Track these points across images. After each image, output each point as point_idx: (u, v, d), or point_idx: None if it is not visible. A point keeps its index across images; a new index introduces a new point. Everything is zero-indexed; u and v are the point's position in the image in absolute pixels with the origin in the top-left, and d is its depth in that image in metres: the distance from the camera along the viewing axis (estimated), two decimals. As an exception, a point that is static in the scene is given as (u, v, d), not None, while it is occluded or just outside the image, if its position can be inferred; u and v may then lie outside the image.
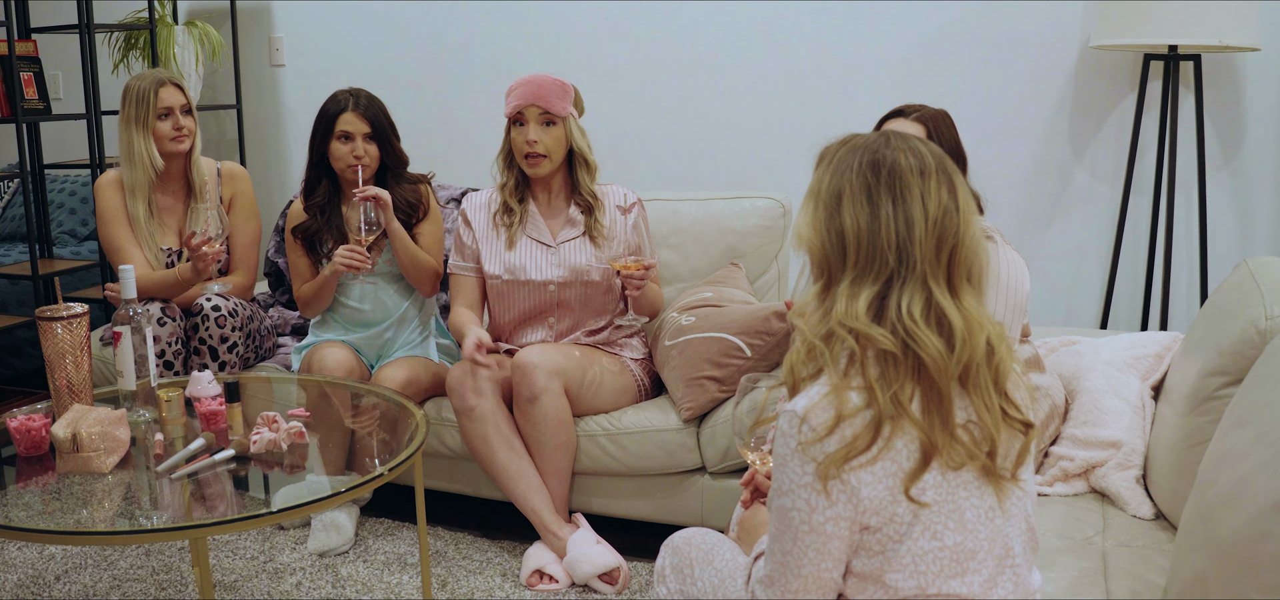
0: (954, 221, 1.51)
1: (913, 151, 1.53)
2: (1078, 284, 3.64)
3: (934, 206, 1.50)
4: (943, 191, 1.51)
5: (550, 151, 2.96)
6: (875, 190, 1.51)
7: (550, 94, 2.94)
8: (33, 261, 3.83)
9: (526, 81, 2.95)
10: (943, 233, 1.50)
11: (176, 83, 3.26)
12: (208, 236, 3.08)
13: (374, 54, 4.43)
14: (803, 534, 1.52)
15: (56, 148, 4.99)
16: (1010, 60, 3.58)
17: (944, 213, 1.50)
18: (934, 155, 1.54)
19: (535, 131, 2.93)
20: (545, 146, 2.95)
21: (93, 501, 2.18)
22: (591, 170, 3.07)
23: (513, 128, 2.99)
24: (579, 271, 3.03)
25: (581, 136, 3.04)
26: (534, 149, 2.94)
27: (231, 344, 3.21)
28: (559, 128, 2.97)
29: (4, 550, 3.11)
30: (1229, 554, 1.56)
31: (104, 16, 4.56)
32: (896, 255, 1.49)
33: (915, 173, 1.51)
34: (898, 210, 1.50)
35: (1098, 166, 3.56)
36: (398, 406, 2.72)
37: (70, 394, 2.52)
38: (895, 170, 1.51)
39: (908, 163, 1.52)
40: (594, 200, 3.06)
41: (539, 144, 2.94)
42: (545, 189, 3.08)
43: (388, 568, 2.97)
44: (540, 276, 3.03)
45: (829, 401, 1.48)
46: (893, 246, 1.49)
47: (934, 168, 1.52)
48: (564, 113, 2.96)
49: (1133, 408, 2.49)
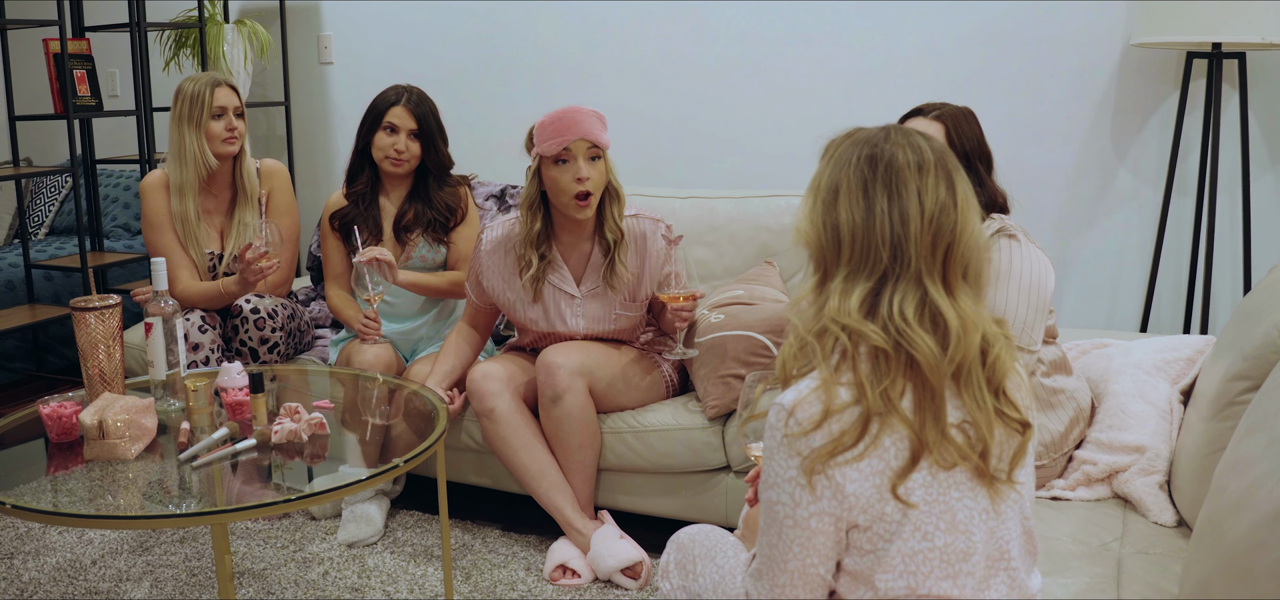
0: (951, 218, 1.49)
1: (912, 147, 1.52)
2: (1119, 286, 3.58)
3: (930, 203, 1.48)
4: (940, 188, 1.50)
5: (597, 188, 2.81)
6: (871, 186, 1.50)
7: (594, 126, 2.77)
8: (82, 254, 3.93)
9: (564, 117, 2.76)
10: (939, 230, 1.48)
11: (231, 85, 3.33)
12: (262, 251, 3.11)
13: (421, 52, 4.48)
14: (787, 528, 1.51)
15: (115, 143, 5.12)
16: (1052, 59, 3.53)
17: (941, 209, 1.49)
18: (934, 151, 1.53)
19: (585, 167, 2.76)
20: (594, 183, 2.78)
21: (113, 487, 2.23)
22: (621, 202, 2.92)
23: (551, 167, 2.79)
24: (602, 319, 2.99)
25: (613, 168, 2.90)
26: (585, 185, 2.77)
27: (272, 345, 3.26)
28: (603, 160, 2.82)
29: (45, 535, 3.20)
30: (1231, 562, 1.53)
31: (156, 16, 4.66)
32: (891, 252, 1.48)
33: (913, 169, 1.50)
34: (893, 206, 1.49)
35: (1141, 167, 3.49)
36: (423, 400, 2.74)
37: (102, 382, 2.58)
38: (892, 166, 1.50)
39: (905, 159, 1.50)
40: (619, 237, 2.92)
41: (589, 180, 2.77)
42: (574, 231, 2.93)
43: (414, 559, 3.00)
44: (565, 328, 2.99)
45: (817, 395, 1.47)
46: (887, 243, 1.48)
47: (933, 164, 1.51)
48: (608, 143, 2.82)
49: (1160, 412, 2.45)
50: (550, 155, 2.76)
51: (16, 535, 3.20)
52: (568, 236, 2.94)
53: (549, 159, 2.78)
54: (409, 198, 3.32)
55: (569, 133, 2.74)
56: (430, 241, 3.30)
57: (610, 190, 2.88)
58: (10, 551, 3.10)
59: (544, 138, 2.76)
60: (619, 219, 2.91)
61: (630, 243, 2.94)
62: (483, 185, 3.91)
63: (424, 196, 3.30)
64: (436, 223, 3.27)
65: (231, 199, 3.42)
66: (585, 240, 2.95)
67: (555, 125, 2.75)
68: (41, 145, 5.46)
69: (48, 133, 5.39)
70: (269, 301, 3.28)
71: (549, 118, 2.77)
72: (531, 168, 2.84)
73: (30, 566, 3.01)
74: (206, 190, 3.37)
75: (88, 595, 2.86)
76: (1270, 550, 1.42)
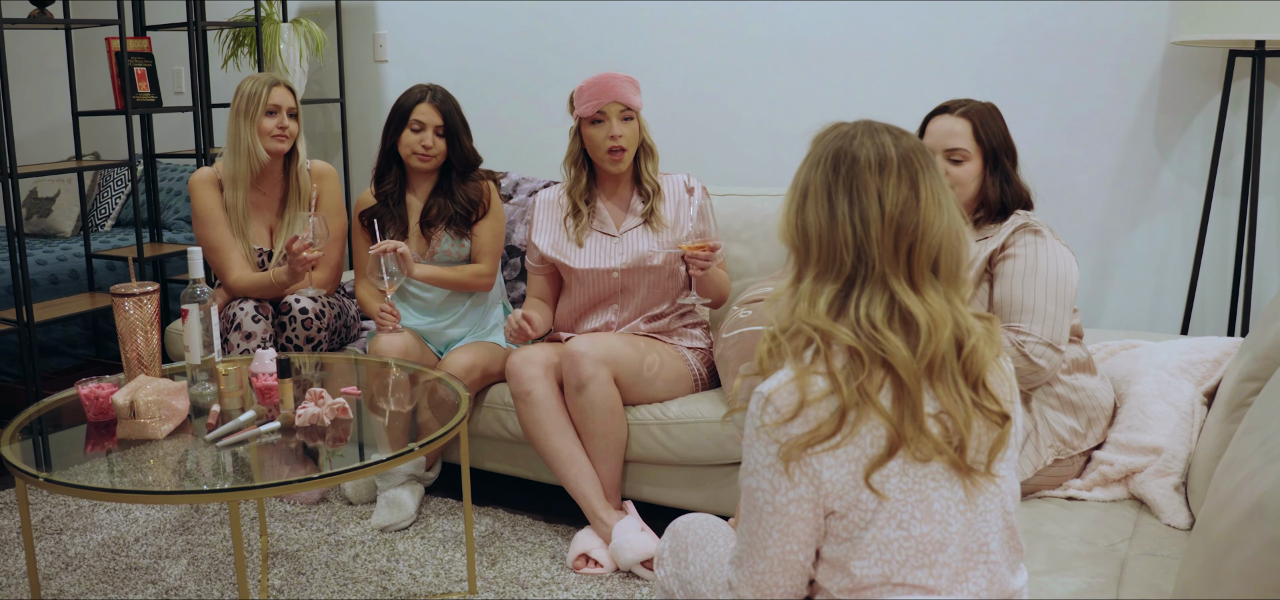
0: (913, 217, 1.50)
1: (877, 145, 1.54)
2: (1162, 288, 3.53)
3: (891, 203, 1.50)
4: (903, 187, 1.51)
5: (630, 144, 3.08)
6: (834, 188, 1.53)
7: (627, 89, 3.04)
8: (139, 245, 4.06)
9: (599, 82, 3.03)
10: (900, 228, 1.50)
11: (289, 86, 3.43)
12: (308, 242, 3.22)
13: (473, 50, 4.56)
14: (767, 514, 1.53)
15: (179, 139, 5.27)
16: (1094, 58, 3.48)
17: (902, 209, 1.50)
18: (901, 149, 1.54)
19: (618, 126, 3.03)
20: (627, 139, 3.06)
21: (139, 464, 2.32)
22: (655, 158, 3.18)
23: (589, 127, 3.07)
24: (642, 258, 3.10)
25: (645, 128, 3.16)
26: (618, 143, 3.03)
27: (316, 343, 3.36)
28: (635, 120, 3.08)
29: (93, 513, 3.32)
30: (1209, 561, 1.52)
31: (215, 15, 4.80)
32: (854, 254, 1.50)
33: (873, 169, 1.52)
34: (854, 208, 1.51)
35: (1184, 167, 3.44)
36: (447, 388, 2.80)
37: (139, 366, 2.68)
38: (854, 167, 1.52)
39: (867, 157, 1.52)
40: (655, 190, 3.15)
41: (622, 137, 3.04)
42: (614, 182, 3.17)
43: (443, 545, 3.07)
44: (605, 265, 3.10)
45: (794, 384, 1.50)
46: (850, 246, 1.50)
47: (896, 162, 1.52)
48: (640, 105, 3.08)
49: (1181, 413, 2.42)
50: (587, 116, 3.05)
51: (67, 512, 3.33)
52: (608, 188, 3.19)
53: (586, 120, 3.06)
54: (433, 193, 3.39)
55: (603, 96, 3.02)
56: (454, 236, 3.37)
57: (644, 147, 3.15)
58: (60, 527, 3.23)
59: (582, 100, 3.05)
60: (654, 172, 3.16)
61: (668, 195, 3.17)
62: (527, 181, 3.97)
63: (448, 192, 3.37)
64: (459, 217, 3.35)
65: (282, 197, 3.53)
66: (624, 191, 3.18)
67: (592, 89, 3.03)
68: (109, 141, 5.65)
69: (115, 129, 5.56)
70: (318, 302, 3.37)
71: (587, 82, 3.05)
72: (573, 128, 3.13)
73: (77, 542, 3.13)
74: (257, 186, 3.48)
75: (127, 570, 2.96)
76: (1241, 549, 1.41)
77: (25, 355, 3.72)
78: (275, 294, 3.43)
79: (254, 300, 3.39)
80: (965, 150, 2.51)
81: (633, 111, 3.06)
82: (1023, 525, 2.21)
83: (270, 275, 3.39)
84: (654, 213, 3.13)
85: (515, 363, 3.03)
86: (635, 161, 3.16)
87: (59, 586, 2.88)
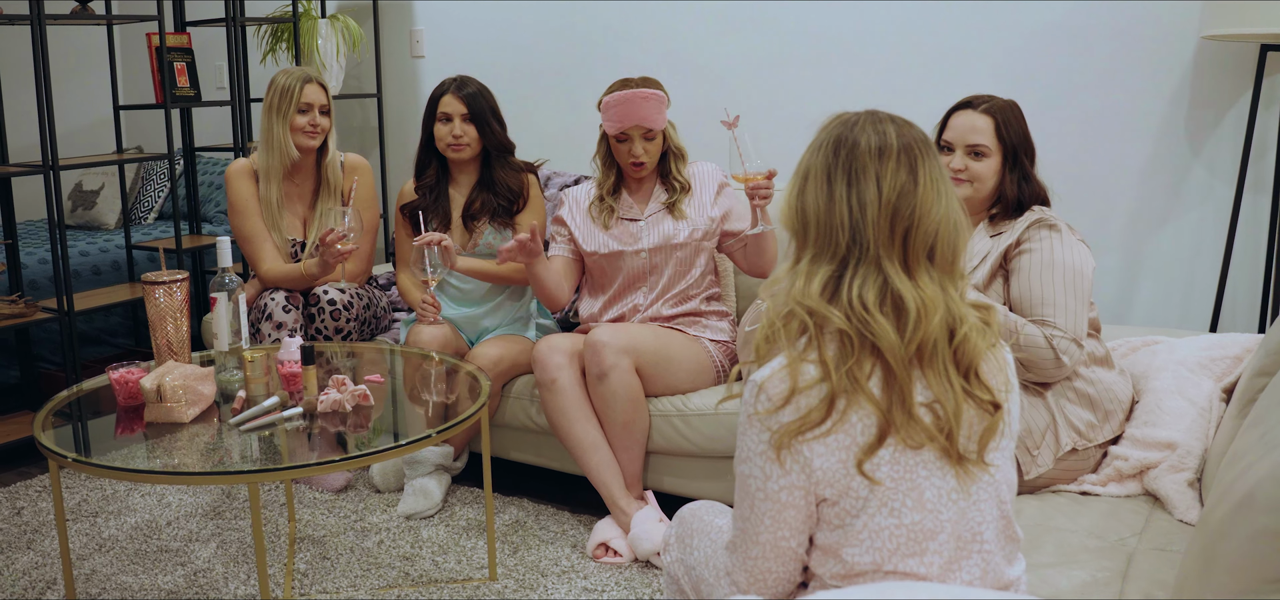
0: (911, 201, 1.52)
1: (878, 133, 1.55)
2: (1193, 286, 3.49)
3: (888, 188, 1.52)
4: (901, 172, 1.53)
5: (652, 160, 3.18)
6: (834, 172, 1.55)
7: (650, 113, 3.09)
8: (176, 236, 4.14)
9: (624, 104, 3.08)
10: (897, 212, 1.51)
11: (322, 83, 3.49)
12: (342, 235, 3.27)
13: (508, 45, 4.60)
14: (759, 501, 1.56)
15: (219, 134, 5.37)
16: (1125, 53, 3.46)
17: (899, 194, 1.52)
18: (901, 138, 1.56)
19: (640, 147, 3.12)
20: (649, 157, 3.16)
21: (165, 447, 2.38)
22: (683, 158, 3.23)
23: (614, 141, 3.15)
24: (668, 236, 3.16)
25: (674, 132, 3.21)
26: (639, 159, 3.13)
27: (345, 334, 3.42)
28: (658, 138, 3.15)
29: (128, 497, 3.40)
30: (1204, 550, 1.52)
31: (254, 11, 4.88)
32: (849, 235, 1.52)
33: (873, 154, 1.54)
34: (851, 191, 1.53)
35: (1215, 164, 3.40)
36: (474, 379, 2.84)
37: (169, 352, 2.74)
38: (854, 152, 1.54)
39: (867, 144, 1.54)
40: (683, 187, 3.19)
41: (643, 157, 3.13)
42: (640, 180, 3.24)
43: (466, 533, 3.11)
44: (633, 247, 3.16)
45: (785, 372, 1.52)
46: (846, 227, 1.52)
47: (896, 150, 1.54)
48: (663, 124, 3.14)
49: (1198, 409, 2.40)
50: (611, 133, 3.12)
51: (102, 497, 3.41)
52: (634, 184, 3.26)
53: (611, 135, 3.12)
54: (476, 186, 3.43)
55: (626, 120, 3.09)
56: (497, 228, 3.41)
57: (672, 151, 3.22)
58: (94, 511, 3.31)
59: (608, 117, 3.12)
60: (682, 172, 3.22)
61: (695, 188, 3.22)
62: (559, 175, 4.01)
63: (489, 183, 3.42)
64: (502, 208, 3.39)
65: (314, 190, 3.59)
66: (651, 183, 3.26)
67: (617, 109, 3.09)
68: (151, 135, 5.75)
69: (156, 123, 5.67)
70: (346, 293, 3.43)
71: (613, 99, 3.10)
72: (602, 130, 3.19)
73: (111, 525, 3.21)
74: (290, 179, 3.54)
75: (158, 552, 3.04)
76: (1230, 539, 1.41)
77: (65, 343, 3.81)
78: (306, 285, 3.49)
79: (285, 291, 3.45)
80: (986, 146, 2.52)
81: (654, 132, 3.12)
82: (1033, 519, 2.21)
83: (302, 267, 3.45)
84: (675, 205, 3.17)
85: (541, 351, 3.07)
86: (663, 160, 3.22)
87: (92, 566, 2.96)
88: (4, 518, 3.29)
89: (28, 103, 3.95)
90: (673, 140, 3.21)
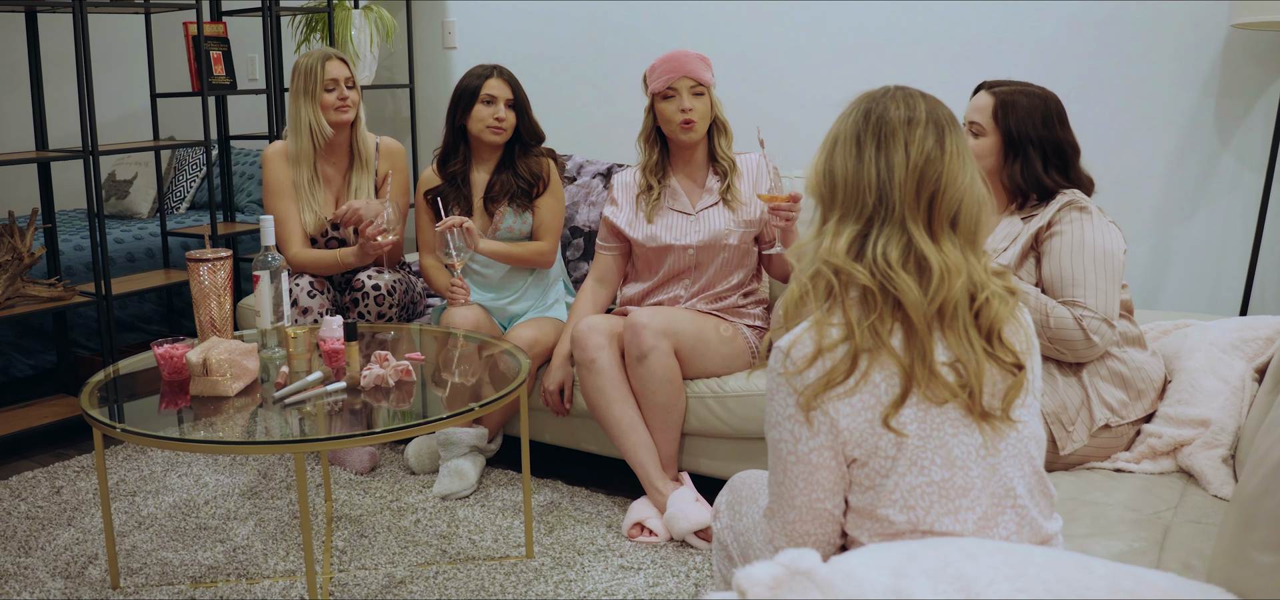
0: (937, 168, 1.57)
1: (907, 104, 1.62)
2: (1221, 273, 3.51)
3: (916, 153, 1.57)
4: (928, 140, 1.59)
5: (701, 118, 3.13)
6: (864, 137, 1.61)
7: (697, 66, 3.10)
8: (212, 223, 4.19)
9: (671, 58, 3.10)
10: (923, 177, 1.57)
11: (341, 57, 3.53)
12: (382, 228, 3.31)
13: (539, 36, 4.64)
14: (790, 464, 1.59)
15: (254, 123, 5.43)
16: (1155, 43, 3.47)
17: (926, 160, 1.57)
18: (929, 110, 1.62)
19: (688, 100, 3.09)
20: (698, 113, 3.11)
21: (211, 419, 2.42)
22: (728, 136, 3.24)
23: (660, 103, 3.13)
24: (718, 235, 3.17)
25: (719, 105, 3.21)
26: (688, 115, 3.09)
27: (388, 320, 3.46)
28: (706, 97, 3.13)
29: (165, 477, 3.45)
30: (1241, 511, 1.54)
31: (290, 1, 4.93)
32: (876, 196, 1.57)
33: (902, 122, 1.60)
34: (880, 155, 1.59)
35: (1245, 153, 3.42)
36: (512, 359, 2.88)
37: (213, 329, 2.79)
38: (883, 119, 1.60)
39: (897, 114, 1.60)
40: (731, 166, 3.20)
41: (693, 111, 3.09)
42: (687, 160, 3.23)
43: (502, 513, 3.14)
44: (681, 242, 3.17)
45: (810, 334, 1.56)
46: (873, 188, 1.57)
47: (924, 119, 1.60)
48: (711, 81, 3.14)
49: (1231, 388, 2.42)
50: (659, 91, 3.12)
51: (141, 476, 3.46)
52: (682, 166, 3.24)
53: (659, 95, 3.12)
54: (498, 169, 3.47)
55: (674, 72, 3.09)
56: (517, 211, 3.44)
57: (717, 124, 3.20)
58: (134, 490, 3.36)
59: (654, 77, 3.13)
60: (728, 149, 3.22)
61: (744, 172, 3.22)
62: (591, 164, 4.04)
63: (510, 167, 3.46)
64: (522, 191, 3.42)
65: (348, 165, 3.63)
66: (699, 168, 3.22)
67: (663, 65, 3.11)
68: (186, 126, 5.81)
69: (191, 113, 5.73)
70: (388, 278, 3.46)
71: (659, 60, 3.13)
72: (647, 105, 3.19)
73: (150, 503, 3.26)
74: (325, 157, 3.59)
75: (196, 530, 3.08)
76: (1272, 496, 1.43)
77: (103, 327, 3.86)
78: (336, 272, 3.53)
79: (310, 276, 3.49)
80: (981, 125, 2.59)
81: (704, 87, 3.11)
82: (1068, 493, 2.24)
83: (336, 255, 3.48)
84: (731, 189, 3.18)
85: (581, 331, 3.10)
86: (710, 138, 3.21)
87: (132, 542, 3.00)
88: (44, 496, 3.34)
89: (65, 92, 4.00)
90: (720, 114, 3.20)
